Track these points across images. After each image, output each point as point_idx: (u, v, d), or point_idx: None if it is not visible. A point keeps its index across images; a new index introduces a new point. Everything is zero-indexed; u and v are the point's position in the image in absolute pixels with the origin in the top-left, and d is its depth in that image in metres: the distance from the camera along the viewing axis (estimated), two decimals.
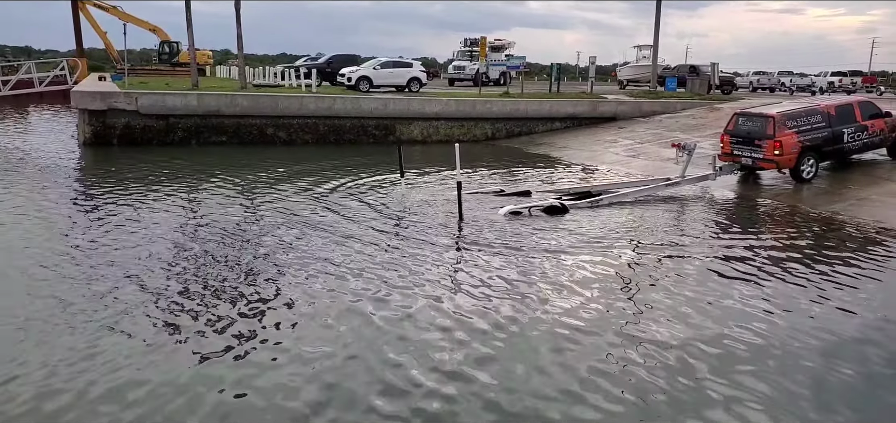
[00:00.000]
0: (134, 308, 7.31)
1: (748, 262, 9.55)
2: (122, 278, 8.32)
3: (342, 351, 6.36)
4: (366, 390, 5.64)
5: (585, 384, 5.81)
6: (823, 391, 5.77)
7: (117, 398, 5.42)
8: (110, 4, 47.24)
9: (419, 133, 25.00)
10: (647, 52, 43.25)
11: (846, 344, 6.73)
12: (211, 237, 10.55)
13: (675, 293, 8.12)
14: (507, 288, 8.23)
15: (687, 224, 12.29)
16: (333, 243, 10.29)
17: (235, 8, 27.20)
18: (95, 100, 21.42)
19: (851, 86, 44.18)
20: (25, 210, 12.32)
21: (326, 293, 7.96)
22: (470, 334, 6.81)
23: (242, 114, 22.88)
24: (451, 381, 5.82)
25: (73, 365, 5.94)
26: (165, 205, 12.97)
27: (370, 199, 13.82)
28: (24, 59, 45.76)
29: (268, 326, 6.99)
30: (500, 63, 39.35)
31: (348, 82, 29.58)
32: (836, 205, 13.20)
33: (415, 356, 6.28)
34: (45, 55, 60.63)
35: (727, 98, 32.57)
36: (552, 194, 14.24)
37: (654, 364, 6.16)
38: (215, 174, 16.51)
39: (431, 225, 11.58)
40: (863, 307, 7.76)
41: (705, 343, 6.62)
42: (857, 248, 10.34)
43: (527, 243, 10.41)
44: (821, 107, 15.20)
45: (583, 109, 27.21)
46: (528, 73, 47.49)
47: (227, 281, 8.44)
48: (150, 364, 6.01)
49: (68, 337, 6.54)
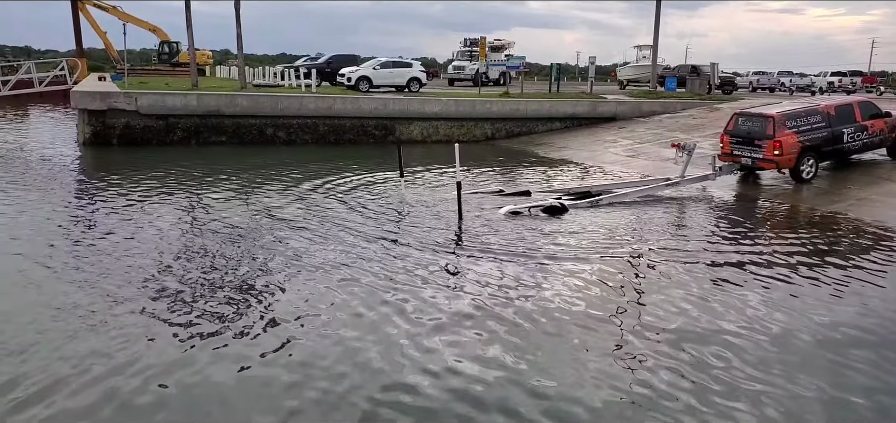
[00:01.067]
0: (133, 308, 7.31)
1: (747, 262, 9.54)
2: (120, 279, 8.31)
3: (338, 353, 6.35)
4: (359, 391, 5.63)
5: (586, 385, 5.80)
6: (827, 392, 5.76)
7: (115, 398, 5.42)
8: (110, 4, 47.27)
9: (419, 133, 24.99)
10: (646, 52, 43.27)
11: (848, 345, 6.72)
12: (209, 237, 10.55)
13: (675, 294, 8.11)
14: (506, 289, 8.22)
15: (686, 225, 12.29)
16: (332, 243, 10.28)
17: (235, 8, 27.20)
18: (95, 100, 21.42)
19: (851, 86, 44.16)
20: (24, 210, 12.30)
21: (324, 294, 7.94)
22: (468, 335, 6.81)
23: (242, 114, 22.88)
24: (450, 382, 5.81)
25: (71, 365, 5.94)
26: (165, 205, 12.95)
27: (369, 199, 13.81)
28: (23, 59, 45.73)
29: (265, 326, 6.97)
30: (499, 63, 39.36)
31: (348, 82, 29.59)
32: (837, 205, 13.19)
33: (412, 356, 6.27)
34: (44, 55, 60.64)
35: (727, 98, 32.57)
36: (552, 194, 14.24)
37: (655, 365, 6.15)
38: (215, 174, 16.50)
39: (431, 225, 11.58)
40: (863, 307, 7.76)
41: (706, 343, 6.62)
42: (858, 248, 10.33)
43: (526, 243, 10.40)
44: (820, 107, 15.19)
45: (582, 109, 27.21)
46: (528, 73, 47.45)
47: (226, 281, 8.43)
48: (148, 363, 6.00)
49: (68, 337, 6.53)
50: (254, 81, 32.45)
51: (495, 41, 45.15)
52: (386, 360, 6.18)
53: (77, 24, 42.67)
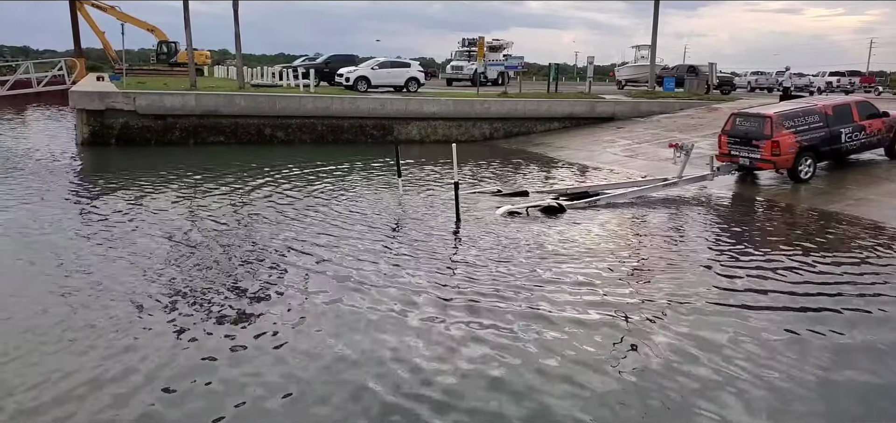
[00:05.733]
0: (131, 308, 7.31)
1: (746, 262, 9.54)
2: (118, 278, 8.30)
3: (333, 353, 6.35)
4: (352, 394, 5.63)
5: (586, 385, 5.80)
6: (830, 393, 5.77)
7: (115, 397, 5.42)
8: (108, 4, 47.19)
9: (417, 133, 25.00)
10: (645, 52, 43.27)
11: (850, 344, 6.73)
12: (208, 237, 10.54)
13: (674, 294, 8.11)
14: (505, 289, 8.21)
15: (684, 225, 12.29)
16: (329, 243, 10.26)
17: (233, 8, 27.18)
18: (93, 100, 21.41)
19: (849, 86, 44.19)
20: (23, 210, 12.28)
21: (321, 294, 7.94)
22: (466, 336, 6.80)
23: (240, 114, 22.88)
24: (448, 383, 5.81)
25: (70, 363, 5.94)
26: (163, 205, 12.93)
27: (367, 199, 13.80)
28: (21, 59, 45.66)
29: (261, 328, 6.96)
30: (498, 63, 39.39)
31: (346, 82, 29.57)
32: (835, 205, 13.20)
33: (409, 357, 6.27)
34: (43, 55, 60.60)
35: (726, 98, 32.58)
36: (550, 195, 14.24)
37: (655, 365, 6.15)
38: (213, 174, 16.49)
39: (428, 226, 11.57)
40: (864, 307, 7.77)
41: (704, 346, 6.62)
42: (857, 248, 10.33)
43: (524, 244, 10.40)
44: (818, 107, 15.20)
45: (581, 109, 27.22)
46: (526, 73, 47.50)
47: (222, 282, 8.41)
48: (140, 364, 6.00)
49: (66, 335, 6.53)
50: (252, 81, 32.43)
51: (493, 41, 45.15)
52: (378, 363, 6.17)
53: (75, 23, 42.60)
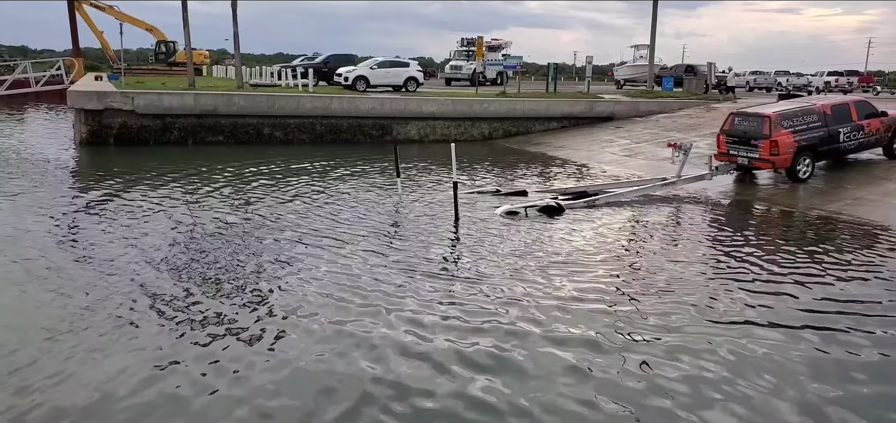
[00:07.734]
0: (130, 307, 7.30)
1: (745, 262, 9.54)
2: (117, 278, 8.29)
3: (330, 353, 6.34)
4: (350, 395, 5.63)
5: (586, 387, 5.80)
6: (831, 393, 5.77)
7: (113, 396, 5.41)
8: (107, 4, 47.09)
9: (416, 133, 24.99)
10: (644, 52, 43.27)
11: (852, 345, 6.73)
12: (206, 238, 10.52)
13: (673, 294, 8.12)
14: (504, 290, 8.21)
15: (683, 224, 12.29)
16: (327, 243, 10.26)
17: (232, 7, 27.16)
18: (92, 99, 21.39)
19: (848, 85, 44.22)
20: (21, 210, 12.27)
21: (318, 296, 7.92)
22: (465, 337, 6.80)
23: (239, 113, 22.86)
24: (447, 385, 5.81)
25: (68, 364, 5.93)
26: (161, 205, 12.92)
27: (365, 199, 13.80)
28: (20, 59, 45.58)
29: (259, 328, 6.95)
30: (496, 63, 39.34)
31: (345, 82, 29.58)
32: (833, 205, 13.21)
33: (407, 358, 6.27)
34: (41, 55, 60.50)
35: (725, 98, 32.59)
36: (549, 194, 14.24)
37: (655, 365, 6.16)
38: (212, 174, 16.47)
39: (427, 225, 11.57)
40: (865, 307, 7.77)
41: (704, 350, 6.62)
42: (857, 248, 10.34)
43: (523, 244, 10.40)
44: (817, 106, 15.21)
45: (580, 109, 27.23)
46: (525, 72, 47.50)
47: (219, 282, 8.41)
48: (142, 361, 5.99)
49: (67, 336, 6.52)
50: (251, 81, 32.40)
51: (492, 41, 45.09)
52: (379, 363, 6.17)
53: (74, 23, 42.57)
